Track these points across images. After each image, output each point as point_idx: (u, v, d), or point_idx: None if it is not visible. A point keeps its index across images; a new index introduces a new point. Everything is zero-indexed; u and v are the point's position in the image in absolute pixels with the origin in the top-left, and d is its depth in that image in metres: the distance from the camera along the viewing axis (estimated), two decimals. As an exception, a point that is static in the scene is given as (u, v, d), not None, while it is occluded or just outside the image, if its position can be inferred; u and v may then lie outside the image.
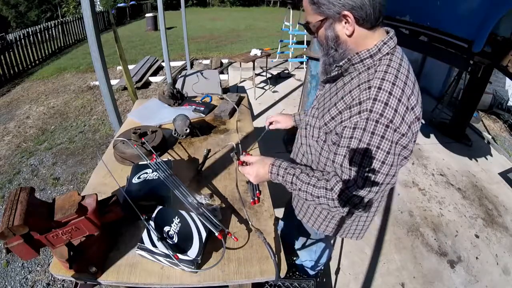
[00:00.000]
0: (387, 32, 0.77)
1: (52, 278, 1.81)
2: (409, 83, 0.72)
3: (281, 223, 1.53)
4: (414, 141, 0.75)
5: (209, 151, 1.28)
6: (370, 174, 0.71)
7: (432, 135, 3.46)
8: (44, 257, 1.95)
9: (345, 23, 0.72)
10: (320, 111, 0.86)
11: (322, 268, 1.59)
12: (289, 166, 0.87)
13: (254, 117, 3.67)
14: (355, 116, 0.70)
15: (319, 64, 0.91)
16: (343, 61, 0.78)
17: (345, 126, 0.72)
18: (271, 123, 1.30)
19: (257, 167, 0.91)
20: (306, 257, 1.45)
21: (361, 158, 0.70)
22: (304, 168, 0.87)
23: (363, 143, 0.69)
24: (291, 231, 1.45)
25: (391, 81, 0.69)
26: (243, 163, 0.98)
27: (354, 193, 0.74)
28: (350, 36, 0.74)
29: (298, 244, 1.47)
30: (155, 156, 1.10)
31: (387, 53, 0.74)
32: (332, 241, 2.04)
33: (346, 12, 0.70)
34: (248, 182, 1.11)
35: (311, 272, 1.55)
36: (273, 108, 4.09)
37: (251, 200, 1.03)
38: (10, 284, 1.80)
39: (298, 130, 1.06)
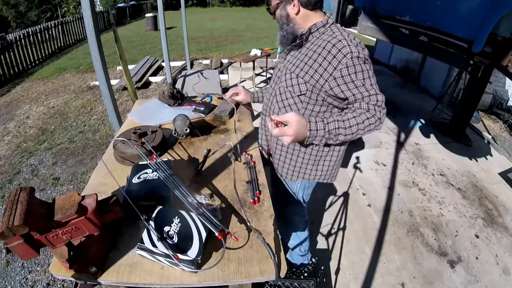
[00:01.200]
0: (325, 13, 1.09)
1: (52, 278, 1.81)
2: (354, 36, 1.06)
3: None
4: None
5: (209, 151, 1.28)
6: (374, 86, 1.01)
7: (432, 135, 3.46)
8: (44, 257, 1.95)
9: (293, 5, 1.04)
10: (298, 71, 1.08)
11: (310, 249, 1.64)
12: (324, 119, 0.98)
13: (254, 117, 3.67)
14: (343, 59, 0.97)
15: None
16: (304, 30, 1.07)
17: (340, 69, 0.98)
18: (233, 96, 1.53)
19: (297, 127, 0.91)
20: (296, 251, 1.58)
21: (366, 80, 0.99)
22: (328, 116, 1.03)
23: (359, 72, 0.98)
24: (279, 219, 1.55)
25: (347, 35, 1.02)
26: (280, 124, 0.92)
27: (378, 101, 0.98)
28: (297, 14, 1.05)
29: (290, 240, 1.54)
30: (155, 156, 1.10)
31: (332, 23, 1.07)
32: (332, 240, 2.05)
33: None
34: (248, 182, 1.11)
35: (302, 260, 1.63)
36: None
37: (251, 200, 1.03)
38: (10, 284, 1.80)
39: (267, 102, 1.27)
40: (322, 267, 1.84)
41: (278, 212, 1.47)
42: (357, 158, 2.97)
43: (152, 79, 5.41)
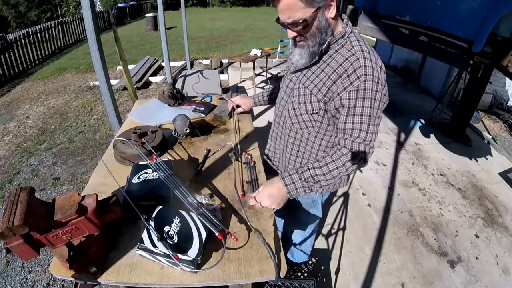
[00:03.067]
0: (341, 16, 0.95)
1: (52, 278, 1.81)
2: (374, 51, 0.94)
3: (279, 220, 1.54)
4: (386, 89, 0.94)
5: (209, 151, 1.28)
6: (372, 121, 0.90)
7: (432, 135, 3.46)
8: (44, 257, 1.95)
9: (330, 8, 0.86)
10: (312, 87, 0.98)
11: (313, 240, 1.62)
12: (298, 169, 0.92)
13: (254, 117, 3.67)
14: (356, 81, 0.87)
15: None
16: (325, 45, 0.92)
17: (350, 91, 0.88)
18: (235, 108, 1.51)
19: (266, 190, 0.92)
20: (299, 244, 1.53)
21: (369, 110, 0.88)
22: (308, 163, 0.94)
23: (367, 98, 0.87)
24: (285, 224, 1.53)
25: (368, 51, 0.91)
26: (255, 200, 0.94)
27: (365, 139, 0.89)
28: (333, 18, 0.89)
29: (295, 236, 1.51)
30: (155, 156, 1.10)
31: (351, 32, 0.94)
32: (332, 240, 2.05)
33: None
34: (248, 182, 1.11)
35: (303, 258, 1.61)
36: (273, 108, 4.09)
37: (251, 200, 1.03)
38: (10, 284, 1.80)
39: (279, 114, 1.18)
40: (322, 267, 1.84)
41: (288, 213, 1.43)
42: (357, 158, 2.96)
43: (152, 79, 5.41)
